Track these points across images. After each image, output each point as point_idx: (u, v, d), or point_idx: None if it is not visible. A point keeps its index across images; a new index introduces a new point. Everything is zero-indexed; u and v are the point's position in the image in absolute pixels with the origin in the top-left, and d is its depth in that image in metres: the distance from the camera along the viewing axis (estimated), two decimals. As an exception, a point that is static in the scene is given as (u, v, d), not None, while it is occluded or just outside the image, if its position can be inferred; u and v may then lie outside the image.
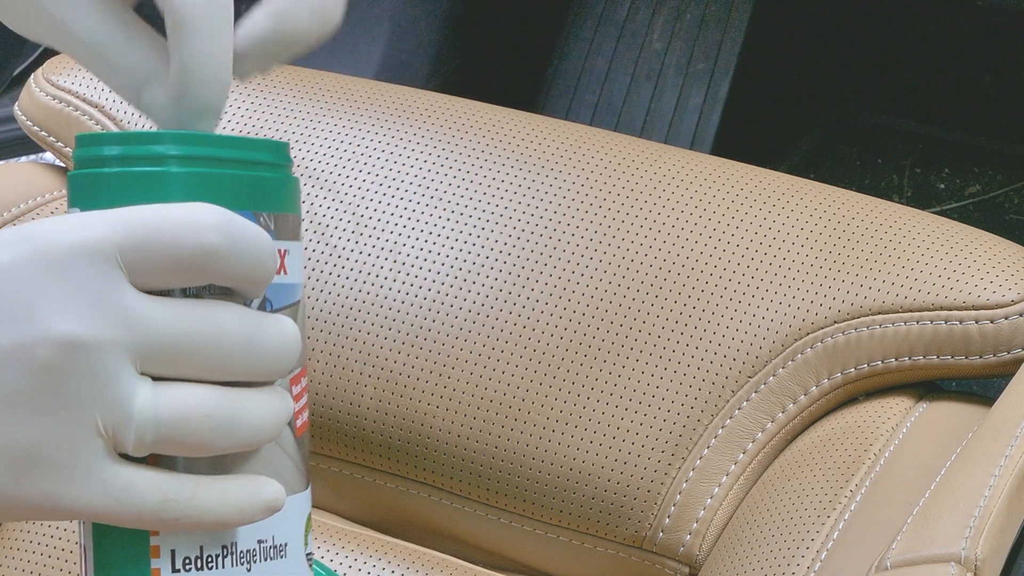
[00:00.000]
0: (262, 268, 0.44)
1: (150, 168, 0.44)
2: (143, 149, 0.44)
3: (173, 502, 0.43)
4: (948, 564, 0.60)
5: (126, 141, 0.45)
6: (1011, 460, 0.66)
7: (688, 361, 0.84)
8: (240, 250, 0.43)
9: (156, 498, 0.43)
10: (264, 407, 0.45)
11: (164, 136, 0.45)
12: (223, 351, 0.44)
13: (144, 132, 0.45)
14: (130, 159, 0.44)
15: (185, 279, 0.43)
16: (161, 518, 0.43)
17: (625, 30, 1.74)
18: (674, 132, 1.67)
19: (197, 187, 0.45)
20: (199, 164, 0.45)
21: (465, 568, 0.85)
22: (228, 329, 0.44)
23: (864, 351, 0.83)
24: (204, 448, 0.44)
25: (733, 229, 0.87)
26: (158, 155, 0.44)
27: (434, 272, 0.89)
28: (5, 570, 0.84)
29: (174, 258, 0.42)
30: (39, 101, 0.98)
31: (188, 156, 0.45)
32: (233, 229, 0.43)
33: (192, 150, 0.45)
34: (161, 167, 0.44)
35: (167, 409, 0.43)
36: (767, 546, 0.74)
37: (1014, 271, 0.83)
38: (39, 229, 0.43)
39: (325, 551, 0.84)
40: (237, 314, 0.44)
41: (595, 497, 0.84)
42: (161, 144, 0.44)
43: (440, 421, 0.86)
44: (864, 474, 0.76)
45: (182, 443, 0.43)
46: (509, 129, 0.94)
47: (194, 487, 0.44)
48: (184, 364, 0.43)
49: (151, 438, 0.43)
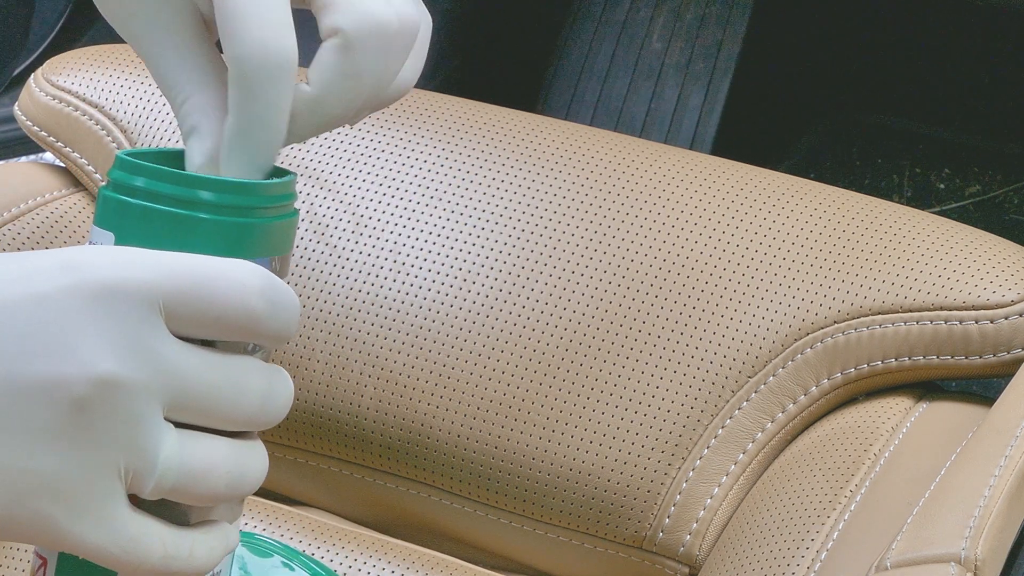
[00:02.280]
0: (290, 330, 0.45)
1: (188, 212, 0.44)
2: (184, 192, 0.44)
3: (173, 559, 0.44)
4: (948, 564, 0.60)
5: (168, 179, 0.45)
6: (1011, 460, 0.66)
7: (688, 361, 0.84)
8: (278, 314, 0.44)
9: (159, 553, 0.43)
10: (261, 459, 0.45)
11: (207, 182, 0.45)
12: (245, 404, 0.44)
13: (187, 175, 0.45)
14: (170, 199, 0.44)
15: (221, 335, 0.44)
16: (158, 572, 0.43)
17: (625, 30, 1.74)
18: (674, 132, 1.67)
19: (234, 238, 0.45)
20: (237, 214, 0.45)
21: (465, 568, 0.85)
22: (251, 382, 0.44)
23: (864, 351, 0.83)
24: (213, 499, 0.44)
25: (733, 229, 0.87)
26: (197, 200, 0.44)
27: (434, 272, 0.89)
28: (5, 570, 0.83)
29: (218, 316, 0.43)
30: (39, 101, 0.98)
31: (227, 205, 0.45)
32: (275, 295, 0.44)
33: (232, 199, 0.45)
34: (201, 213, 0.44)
35: (191, 460, 0.43)
36: (767, 546, 0.74)
37: (1014, 271, 0.83)
38: (84, 260, 0.42)
39: (325, 551, 0.84)
40: (258, 368, 0.45)
41: (595, 497, 0.84)
42: (203, 189, 0.44)
43: (440, 421, 0.86)
44: (864, 474, 0.76)
45: (195, 494, 0.44)
46: (509, 129, 0.94)
47: (190, 544, 0.44)
48: (208, 414, 0.43)
49: (169, 486, 0.43)
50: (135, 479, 0.42)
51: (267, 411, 0.45)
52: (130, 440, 0.42)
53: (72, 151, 0.97)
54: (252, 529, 0.85)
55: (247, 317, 0.43)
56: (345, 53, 0.46)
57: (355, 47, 0.46)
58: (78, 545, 0.42)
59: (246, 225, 0.45)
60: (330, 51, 0.46)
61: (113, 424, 0.42)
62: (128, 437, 0.42)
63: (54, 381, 0.41)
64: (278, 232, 0.46)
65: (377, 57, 0.47)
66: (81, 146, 0.96)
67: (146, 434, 0.42)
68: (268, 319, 0.44)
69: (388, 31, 0.47)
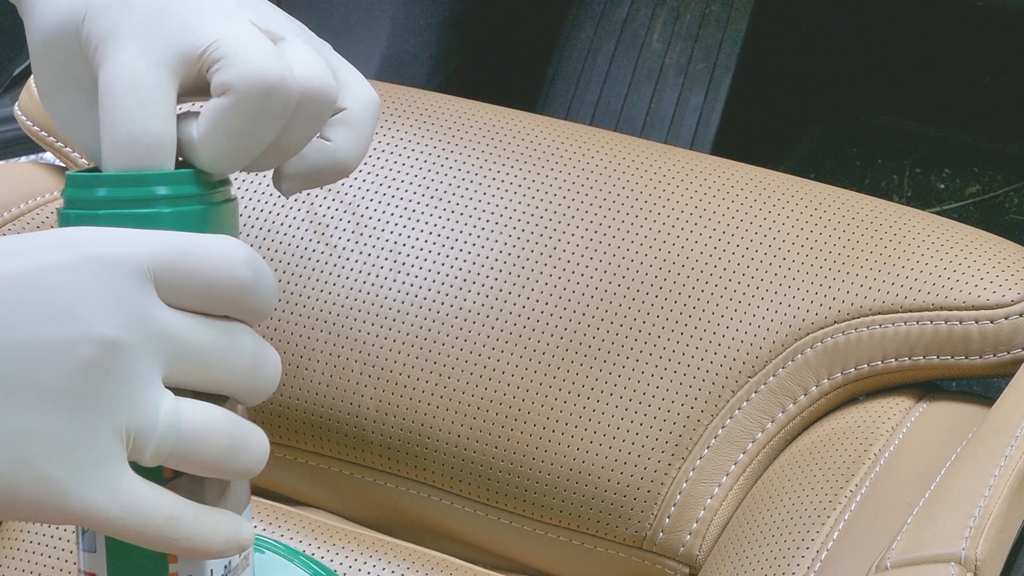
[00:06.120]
0: (271, 305, 0.47)
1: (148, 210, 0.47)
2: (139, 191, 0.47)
3: (178, 521, 0.44)
4: (948, 564, 0.60)
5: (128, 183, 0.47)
6: (1011, 460, 0.66)
7: (688, 361, 0.84)
8: (262, 287, 0.46)
9: (164, 514, 0.44)
10: (262, 438, 0.46)
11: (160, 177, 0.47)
12: (237, 366, 0.46)
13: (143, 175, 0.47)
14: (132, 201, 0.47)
15: (209, 306, 0.45)
16: (164, 535, 0.44)
17: (625, 30, 1.74)
18: (674, 132, 1.67)
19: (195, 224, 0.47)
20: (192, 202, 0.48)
21: (465, 568, 0.85)
22: (242, 345, 0.46)
23: (864, 351, 0.83)
24: (213, 468, 0.45)
25: (733, 229, 0.87)
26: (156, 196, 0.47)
27: (434, 272, 0.89)
28: (5, 570, 0.84)
29: (207, 285, 0.45)
30: (39, 101, 0.98)
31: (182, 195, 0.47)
32: (258, 266, 0.46)
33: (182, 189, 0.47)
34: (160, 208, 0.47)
35: (189, 422, 0.44)
36: (767, 546, 0.75)
37: (1014, 271, 0.83)
38: (80, 237, 0.44)
39: (325, 551, 0.84)
40: (247, 332, 0.46)
41: (595, 497, 0.84)
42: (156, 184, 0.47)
43: (440, 421, 0.86)
44: (864, 474, 0.76)
45: (196, 459, 0.44)
46: (509, 129, 0.94)
47: (195, 511, 0.45)
48: (203, 375, 0.45)
49: (169, 450, 0.44)
50: (136, 442, 0.43)
51: (257, 376, 0.46)
52: (132, 401, 0.43)
53: (72, 151, 0.97)
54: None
55: (235, 286, 0.45)
56: (228, 112, 0.47)
57: (240, 108, 0.47)
58: (77, 509, 0.43)
59: (202, 211, 0.47)
60: (214, 108, 0.47)
61: (116, 385, 0.43)
62: (130, 398, 0.43)
63: (60, 344, 0.42)
64: (228, 215, 0.49)
65: (262, 123, 0.48)
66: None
67: (147, 395, 0.43)
68: (254, 290, 0.45)
69: (277, 97, 0.47)
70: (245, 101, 0.47)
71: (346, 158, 0.51)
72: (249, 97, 0.47)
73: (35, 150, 1.47)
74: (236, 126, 0.47)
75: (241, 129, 0.47)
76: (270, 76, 0.47)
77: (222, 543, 0.46)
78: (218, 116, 0.47)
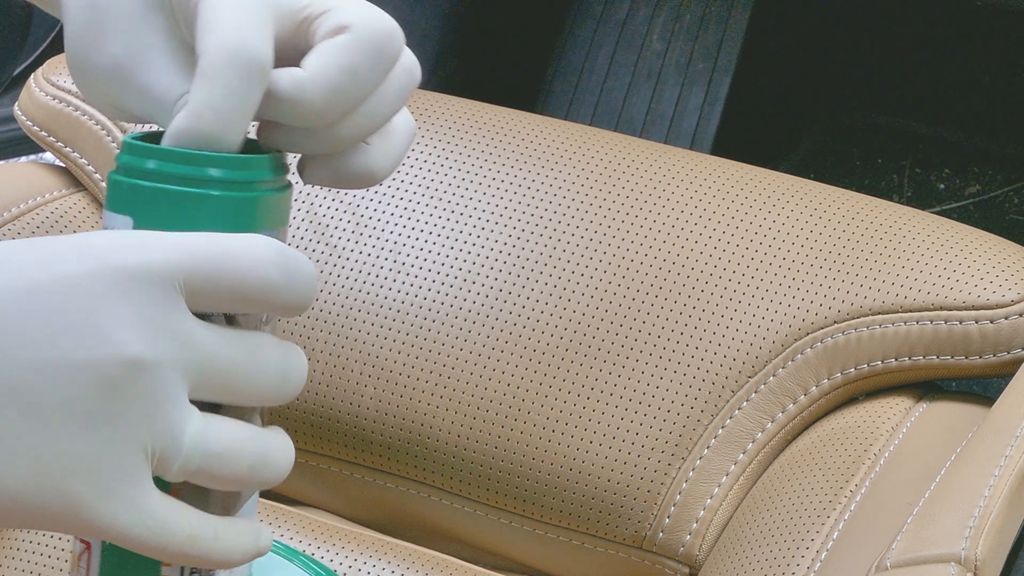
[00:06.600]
0: (308, 298, 0.46)
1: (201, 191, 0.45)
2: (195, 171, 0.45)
3: (199, 539, 0.44)
4: (948, 564, 0.60)
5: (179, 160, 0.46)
6: (1011, 460, 0.66)
7: (688, 361, 0.84)
8: (294, 284, 0.45)
9: (185, 532, 0.44)
10: (286, 448, 0.46)
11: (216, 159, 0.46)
12: (265, 378, 0.45)
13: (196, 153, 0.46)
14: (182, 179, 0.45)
15: (240, 308, 0.45)
16: (184, 552, 0.44)
17: (625, 30, 1.74)
18: (674, 132, 1.67)
19: (243, 212, 0.46)
20: (245, 189, 0.46)
21: (465, 568, 0.85)
22: (269, 357, 0.45)
23: (864, 351, 0.83)
24: (236, 483, 0.45)
25: (733, 229, 0.87)
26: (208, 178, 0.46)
27: (434, 272, 0.89)
28: (5, 570, 0.84)
29: (236, 290, 0.44)
30: (39, 101, 0.98)
31: (235, 180, 0.46)
32: (289, 263, 0.44)
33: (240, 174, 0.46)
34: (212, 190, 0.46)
35: (216, 442, 0.44)
36: (767, 546, 0.74)
37: (1014, 271, 0.83)
38: (102, 244, 0.43)
39: (325, 551, 0.84)
40: (274, 343, 0.45)
41: (595, 497, 0.84)
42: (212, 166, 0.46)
43: (440, 421, 0.86)
44: (864, 474, 0.76)
45: (220, 477, 0.44)
46: (509, 129, 0.94)
47: (215, 526, 0.45)
48: (230, 390, 0.44)
49: (195, 468, 0.43)
50: (161, 460, 0.43)
51: (285, 385, 0.45)
52: (158, 420, 0.43)
53: (72, 151, 0.97)
54: (252, 529, 0.85)
55: (264, 288, 0.44)
56: (347, 48, 0.47)
57: (358, 44, 0.47)
58: (105, 527, 0.43)
59: (252, 199, 0.46)
60: (332, 43, 0.47)
61: (142, 404, 0.42)
62: (156, 417, 0.43)
63: (86, 363, 0.42)
64: (280, 204, 0.48)
65: (376, 64, 0.47)
66: (81, 146, 0.96)
67: (173, 414, 0.43)
68: (284, 288, 0.44)
69: (394, 41, 0.48)
70: (363, 37, 0.47)
71: (379, 167, 0.50)
72: (368, 33, 0.47)
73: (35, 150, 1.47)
74: (351, 61, 0.47)
75: (354, 66, 0.47)
76: (388, 20, 0.47)
77: (240, 555, 0.45)
78: (333, 50, 0.47)
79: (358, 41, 0.47)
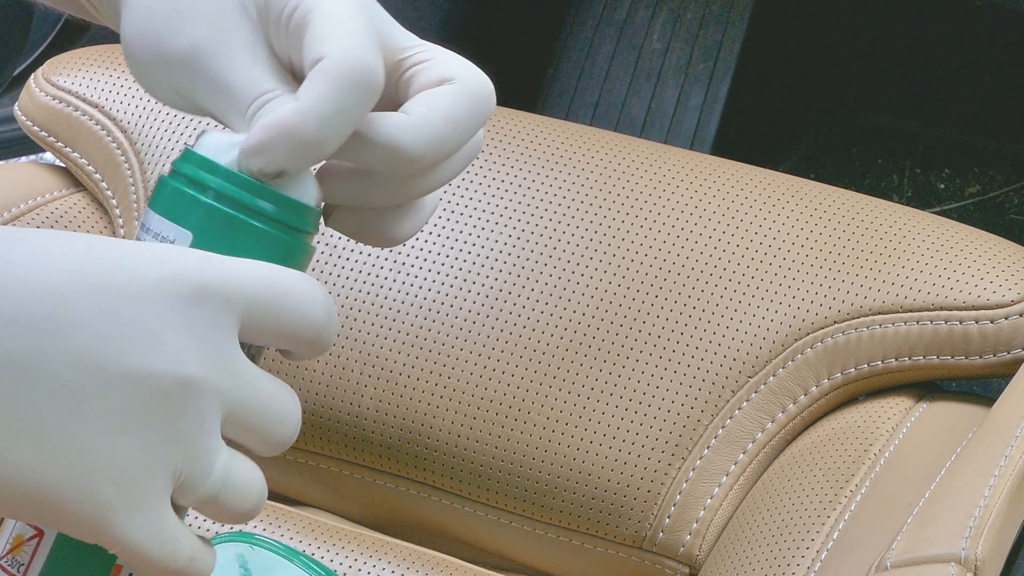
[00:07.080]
0: (332, 340, 0.46)
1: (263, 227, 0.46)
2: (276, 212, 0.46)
3: (198, 562, 0.44)
4: (948, 564, 0.60)
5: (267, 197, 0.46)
6: (1011, 460, 0.66)
7: (688, 361, 0.84)
8: (332, 326, 0.45)
9: (187, 554, 0.44)
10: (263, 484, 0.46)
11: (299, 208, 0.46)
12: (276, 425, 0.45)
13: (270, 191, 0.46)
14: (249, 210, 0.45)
15: (286, 345, 0.45)
16: (183, 573, 0.44)
17: (625, 30, 1.74)
18: (674, 132, 1.67)
19: (291, 253, 0.46)
20: (297, 235, 0.47)
21: (465, 568, 0.85)
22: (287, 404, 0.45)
23: (864, 351, 0.83)
24: (236, 518, 0.45)
25: (733, 229, 0.87)
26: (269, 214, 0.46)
27: (434, 272, 0.89)
28: (5, 570, 0.83)
29: (290, 324, 0.44)
30: (39, 101, 0.98)
31: (290, 224, 0.46)
32: (331, 305, 0.45)
33: (305, 224, 0.47)
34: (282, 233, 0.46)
35: (236, 477, 0.44)
36: (767, 546, 0.74)
37: (1014, 271, 0.83)
38: (173, 255, 0.43)
39: (325, 551, 0.84)
40: (286, 389, 0.45)
41: (595, 497, 0.84)
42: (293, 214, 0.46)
43: (440, 421, 0.86)
44: (864, 474, 0.76)
45: (227, 511, 0.44)
46: (509, 129, 0.94)
47: (204, 551, 0.45)
48: (252, 431, 0.44)
49: (210, 497, 0.44)
50: (186, 483, 0.43)
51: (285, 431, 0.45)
52: (197, 445, 0.43)
53: (72, 151, 0.97)
54: (252, 529, 0.85)
55: (315, 328, 0.45)
56: (454, 98, 0.47)
57: (464, 98, 0.47)
58: (122, 537, 0.42)
59: (300, 245, 0.47)
60: (438, 92, 0.47)
61: (185, 426, 0.42)
62: (196, 442, 0.43)
63: (144, 373, 0.41)
64: (311, 254, 0.48)
65: (476, 120, 0.48)
66: (81, 146, 0.96)
67: (210, 442, 0.43)
68: (328, 330, 0.45)
69: (492, 102, 0.48)
70: (469, 92, 0.47)
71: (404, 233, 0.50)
72: (474, 88, 0.47)
73: (35, 150, 1.47)
74: (456, 113, 0.47)
75: (458, 118, 0.47)
76: (488, 80, 0.48)
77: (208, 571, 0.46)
78: (440, 99, 0.47)
79: (464, 95, 0.47)
